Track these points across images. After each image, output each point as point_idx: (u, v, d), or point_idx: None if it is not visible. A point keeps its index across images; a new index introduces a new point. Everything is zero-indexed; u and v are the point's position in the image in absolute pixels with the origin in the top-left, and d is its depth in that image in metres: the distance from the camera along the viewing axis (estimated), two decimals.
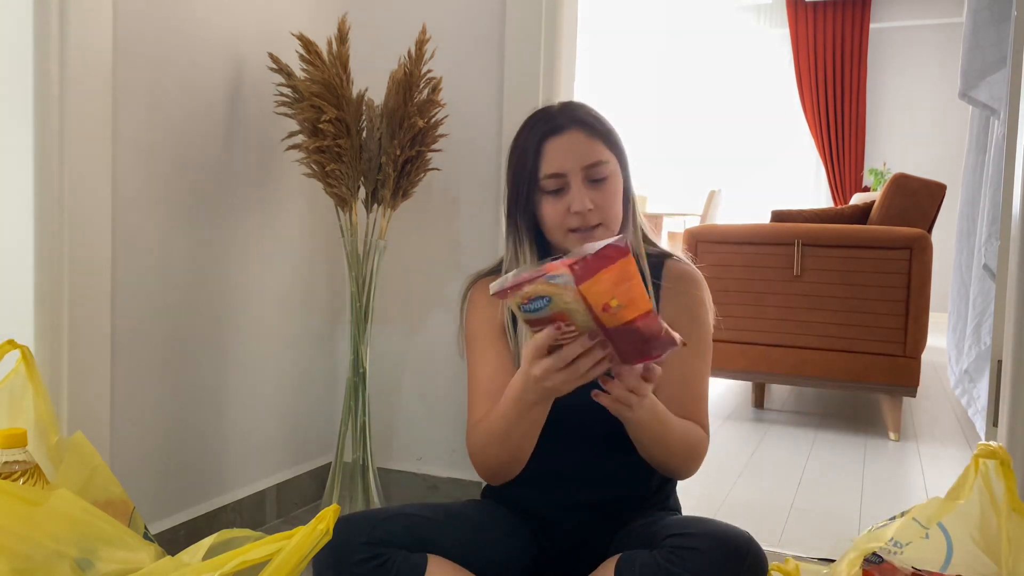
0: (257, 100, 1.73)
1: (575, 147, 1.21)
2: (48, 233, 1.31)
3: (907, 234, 2.80)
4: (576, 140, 1.21)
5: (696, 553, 1.02)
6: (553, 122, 1.22)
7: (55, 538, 0.92)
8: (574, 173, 1.20)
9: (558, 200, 1.21)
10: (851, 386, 2.88)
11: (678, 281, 1.27)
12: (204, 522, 1.65)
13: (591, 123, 1.23)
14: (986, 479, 1.01)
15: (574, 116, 1.23)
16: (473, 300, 1.33)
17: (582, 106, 1.26)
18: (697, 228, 3.16)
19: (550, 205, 1.22)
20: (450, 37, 1.86)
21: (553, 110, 1.25)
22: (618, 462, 1.24)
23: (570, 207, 1.20)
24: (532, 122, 1.26)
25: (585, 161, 1.20)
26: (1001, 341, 1.52)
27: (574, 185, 1.20)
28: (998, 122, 2.67)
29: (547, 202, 1.22)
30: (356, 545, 1.07)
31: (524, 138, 1.25)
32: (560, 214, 1.21)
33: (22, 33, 1.28)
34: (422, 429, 1.98)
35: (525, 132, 1.25)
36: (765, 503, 2.12)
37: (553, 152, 1.21)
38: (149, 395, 1.53)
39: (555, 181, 1.21)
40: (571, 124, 1.22)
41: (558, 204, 1.21)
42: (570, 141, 1.21)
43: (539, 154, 1.21)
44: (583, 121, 1.22)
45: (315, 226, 1.94)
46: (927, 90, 6.73)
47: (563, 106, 1.26)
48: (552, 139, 1.21)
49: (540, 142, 1.21)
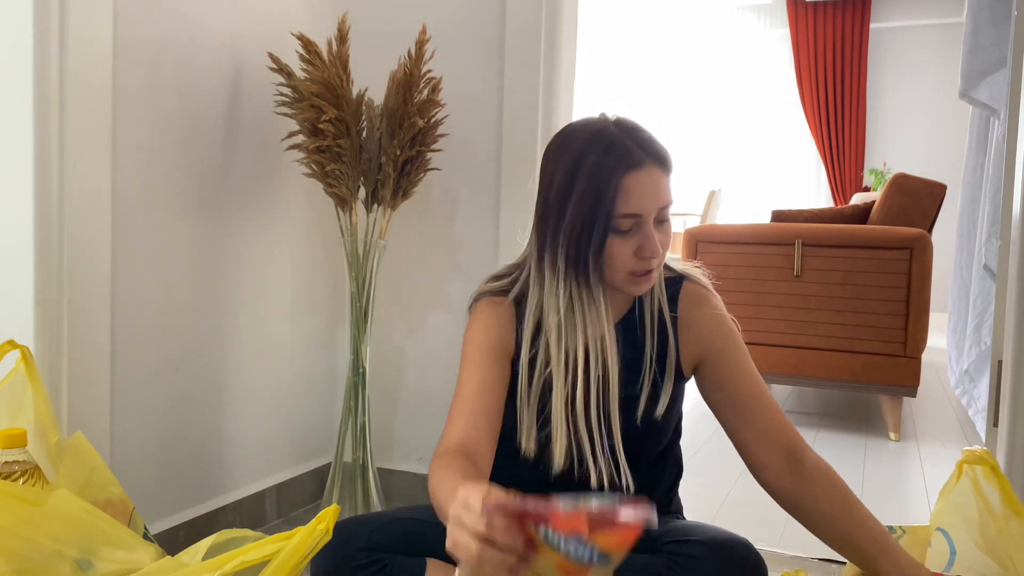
0: (257, 100, 1.73)
1: (655, 188, 1.11)
2: (48, 233, 1.31)
3: (907, 234, 2.80)
4: (655, 179, 1.11)
5: (695, 560, 1.02)
6: (633, 156, 1.10)
7: (55, 538, 0.92)
8: (649, 215, 1.11)
9: (627, 240, 1.12)
10: (851, 386, 2.88)
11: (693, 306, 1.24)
12: (204, 522, 1.65)
13: (666, 160, 1.14)
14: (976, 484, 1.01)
15: (651, 150, 1.12)
16: (477, 313, 1.25)
17: (650, 135, 1.15)
18: (697, 228, 3.16)
19: (620, 245, 1.12)
20: (450, 37, 1.86)
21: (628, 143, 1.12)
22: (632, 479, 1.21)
23: (640, 250, 1.12)
24: (607, 150, 1.11)
25: (661, 203, 1.12)
26: (1001, 341, 1.52)
27: (647, 227, 1.11)
28: (998, 122, 2.67)
29: (616, 241, 1.11)
30: (354, 551, 1.06)
31: (595, 166, 1.11)
32: (629, 255, 1.12)
33: (22, 33, 1.28)
34: (422, 429, 1.98)
35: (599, 160, 1.11)
36: (765, 503, 2.11)
37: (633, 190, 1.10)
38: (149, 395, 1.53)
39: (630, 221, 1.11)
40: (650, 159, 1.11)
41: (627, 244, 1.12)
42: (650, 180, 1.11)
43: (617, 190, 1.09)
44: (661, 158, 1.13)
45: (315, 226, 1.94)
46: (927, 90, 6.73)
47: (630, 133, 1.13)
48: (632, 175, 1.09)
49: (620, 177, 1.09)
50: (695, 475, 1.37)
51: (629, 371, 1.19)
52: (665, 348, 1.21)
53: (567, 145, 1.15)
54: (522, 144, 1.80)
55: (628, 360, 1.19)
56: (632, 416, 1.18)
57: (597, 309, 1.14)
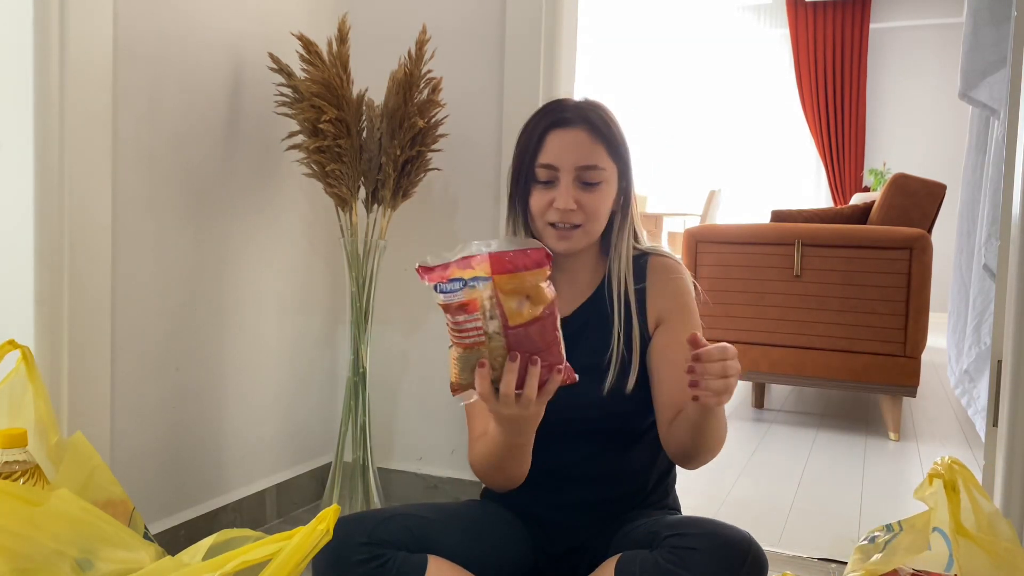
0: (257, 100, 1.73)
1: (575, 145, 1.21)
2: (48, 233, 1.31)
3: (907, 234, 2.80)
4: (578, 138, 1.21)
5: (696, 553, 1.02)
6: (562, 114, 1.23)
7: (55, 538, 0.92)
8: (566, 170, 1.20)
9: (546, 191, 1.22)
10: (851, 386, 2.88)
11: (660, 275, 1.29)
12: (204, 522, 1.65)
13: (599, 126, 1.22)
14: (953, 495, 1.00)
15: (585, 115, 1.23)
16: None
17: (598, 107, 1.26)
18: (697, 228, 3.16)
19: (537, 194, 1.23)
20: (450, 37, 1.86)
21: (567, 103, 1.26)
22: (615, 459, 1.24)
23: (553, 201, 1.21)
24: (545, 109, 1.26)
25: (580, 162, 1.20)
26: (1001, 341, 1.52)
27: (563, 181, 1.20)
28: (998, 122, 2.67)
29: (536, 191, 1.23)
30: (356, 546, 1.07)
31: (532, 123, 1.25)
32: (544, 205, 1.22)
33: (22, 33, 1.28)
34: (422, 429, 1.98)
35: (536, 117, 1.26)
36: (765, 503, 2.12)
37: (553, 144, 1.21)
38: (149, 395, 1.53)
39: (546, 172, 1.22)
40: (579, 121, 1.22)
41: (544, 195, 1.22)
42: (572, 137, 1.21)
43: (540, 142, 1.22)
44: (592, 122, 1.22)
45: (315, 226, 1.94)
46: (927, 90, 6.73)
47: (578, 102, 1.26)
48: (556, 131, 1.22)
49: (544, 131, 1.22)
50: (695, 475, 1.37)
51: (598, 343, 1.24)
52: (630, 323, 1.25)
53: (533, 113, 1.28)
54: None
55: (597, 334, 1.24)
56: (599, 386, 1.21)
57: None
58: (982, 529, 0.98)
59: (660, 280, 1.28)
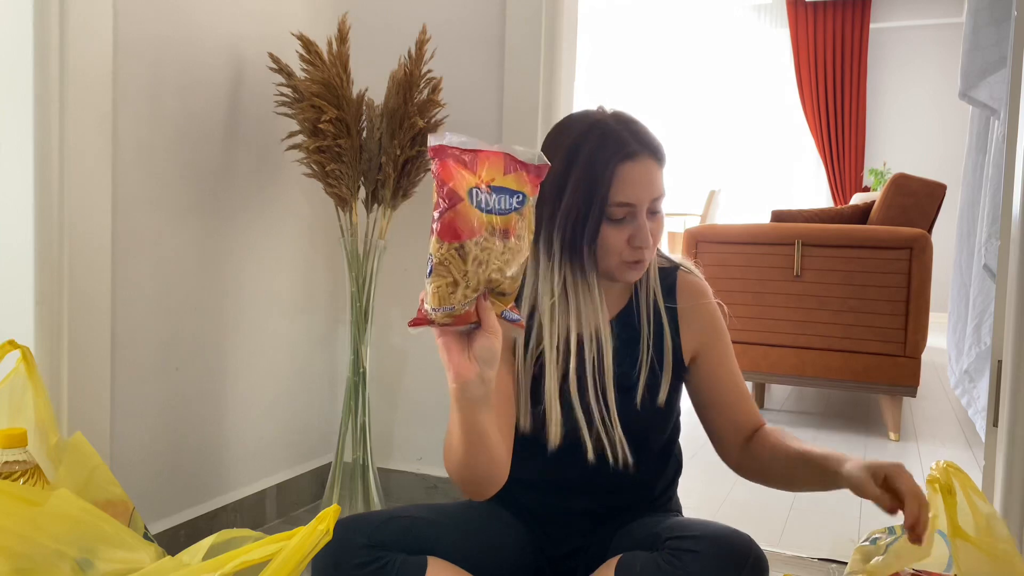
0: (257, 100, 1.73)
1: (648, 178, 1.15)
2: (48, 233, 1.31)
3: (907, 234, 2.80)
4: (649, 170, 1.15)
5: (697, 556, 1.02)
6: (628, 147, 1.14)
7: (55, 538, 0.92)
8: (642, 205, 1.15)
9: (621, 228, 1.15)
10: (851, 386, 2.88)
11: (692, 299, 1.27)
12: (204, 522, 1.65)
13: (660, 152, 1.17)
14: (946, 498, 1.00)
15: (646, 142, 1.16)
16: None
17: (646, 128, 1.19)
18: (697, 228, 3.16)
19: (613, 233, 1.15)
20: (450, 37, 1.86)
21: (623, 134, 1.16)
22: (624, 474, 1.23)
23: (632, 239, 1.15)
24: (598, 139, 1.15)
25: (655, 194, 1.16)
26: (1001, 341, 1.52)
27: (640, 217, 1.15)
28: (998, 122, 2.67)
29: (609, 229, 1.15)
30: (355, 548, 1.07)
31: (591, 156, 1.14)
32: (622, 243, 1.15)
33: (22, 33, 1.28)
34: (422, 429, 1.98)
35: (590, 148, 1.14)
36: (765, 503, 2.12)
37: (628, 180, 1.13)
38: (149, 395, 1.53)
39: (624, 210, 1.14)
40: (644, 151, 1.15)
41: (621, 233, 1.15)
42: (644, 171, 1.14)
43: (612, 179, 1.13)
44: (655, 150, 1.16)
45: (315, 226, 1.94)
46: (927, 90, 6.73)
47: (627, 126, 1.17)
48: (627, 164, 1.13)
49: (616, 166, 1.13)
50: (695, 475, 1.37)
51: (627, 359, 1.22)
52: (661, 337, 1.24)
53: (566, 134, 1.19)
54: (522, 144, 1.79)
55: (627, 349, 1.22)
56: (631, 402, 1.21)
57: (591, 294, 1.19)
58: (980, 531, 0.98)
59: (693, 306, 1.27)
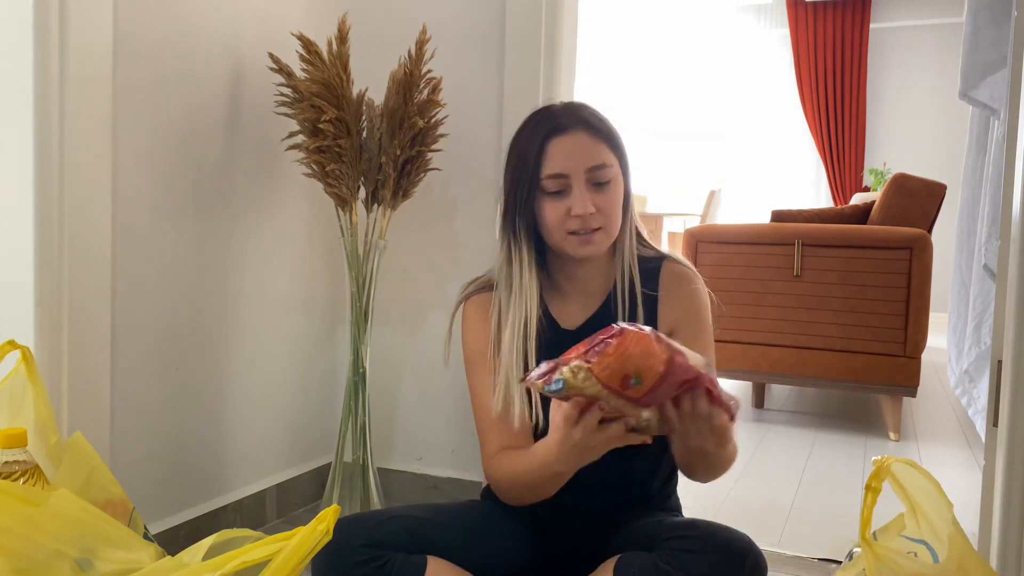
0: (257, 100, 1.73)
1: (579, 148, 1.18)
2: (48, 233, 1.31)
3: (907, 234, 2.80)
4: (580, 141, 1.19)
5: (696, 556, 1.02)
6: (557, 121, 1.19)
7: (55, 538, 0.91)
8: (577, 175, 1.18)
9: (559, 201, 1.18)
10: (851, 386, 2.88)
11: (674, 284, 1.27)
12: (204, 522, 1.65)
13: (596, 124, 1.20)
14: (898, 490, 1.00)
15: (578, 116, 1.20)
16: (468, 317, 1.30)
17: (586, 107, 1.24)
18: (697, 228, 3.16)
19: (551, 206, 1.19)
20: (450, 37, 1.86)
21: (556, 109, 1.23)
22: (621, 470, 1.23)
23: (571, 209, 1.17)
24: (534, 120, 1.23)
25: (589, 163, 1.18)
26: (1001, 341, 1.52)
27: (576, 187, 1.18)
28: (998, 122, 2.67)
29: (547, 203, 1.19)
30: (355, 547, 1.07)
31: (526, 136, 1.21)
32: (561, 216, 1.18)
33: (22, 32, 1.28)
34: (422, 429, 1.98)
35: (527, 130, 1.22)
36: (765, 503, 2.12)
37: (556, 152, 1.18)
38: (149, 395, 1.53)
39: (557, 182, 1.18)
40: (575, 124, 1.19)
41: (559, 206, 1.18)
42: (574, 142, 1.18)
43: (542, 153, 1.18)
44: (587, 122, 1.20)
45: (315, 226, 1.94)
46: (927, 90, 6.73)
47: (566, 106, 1.23)
48: (555, 139, 1.18)
49: (543, 141, 1.18)
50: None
51: None
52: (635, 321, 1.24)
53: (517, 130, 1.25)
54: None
55: None
56: None
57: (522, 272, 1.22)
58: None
59: (674, 289, 1.26)
